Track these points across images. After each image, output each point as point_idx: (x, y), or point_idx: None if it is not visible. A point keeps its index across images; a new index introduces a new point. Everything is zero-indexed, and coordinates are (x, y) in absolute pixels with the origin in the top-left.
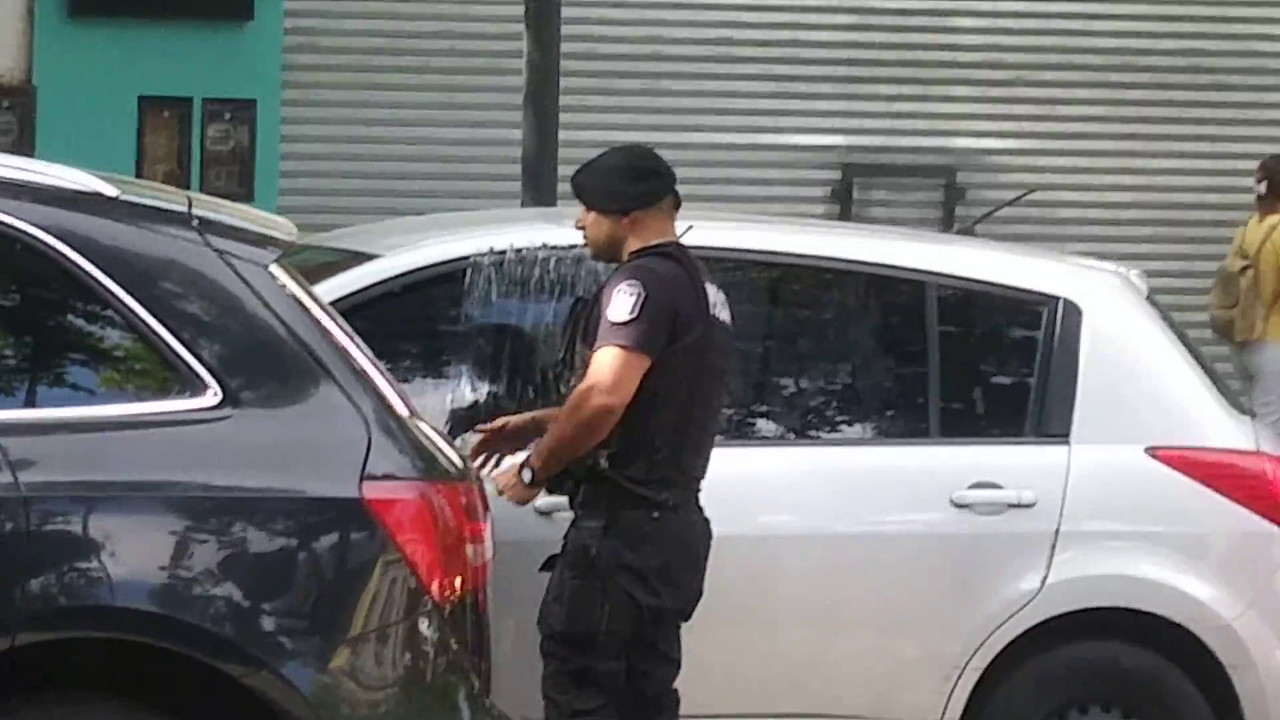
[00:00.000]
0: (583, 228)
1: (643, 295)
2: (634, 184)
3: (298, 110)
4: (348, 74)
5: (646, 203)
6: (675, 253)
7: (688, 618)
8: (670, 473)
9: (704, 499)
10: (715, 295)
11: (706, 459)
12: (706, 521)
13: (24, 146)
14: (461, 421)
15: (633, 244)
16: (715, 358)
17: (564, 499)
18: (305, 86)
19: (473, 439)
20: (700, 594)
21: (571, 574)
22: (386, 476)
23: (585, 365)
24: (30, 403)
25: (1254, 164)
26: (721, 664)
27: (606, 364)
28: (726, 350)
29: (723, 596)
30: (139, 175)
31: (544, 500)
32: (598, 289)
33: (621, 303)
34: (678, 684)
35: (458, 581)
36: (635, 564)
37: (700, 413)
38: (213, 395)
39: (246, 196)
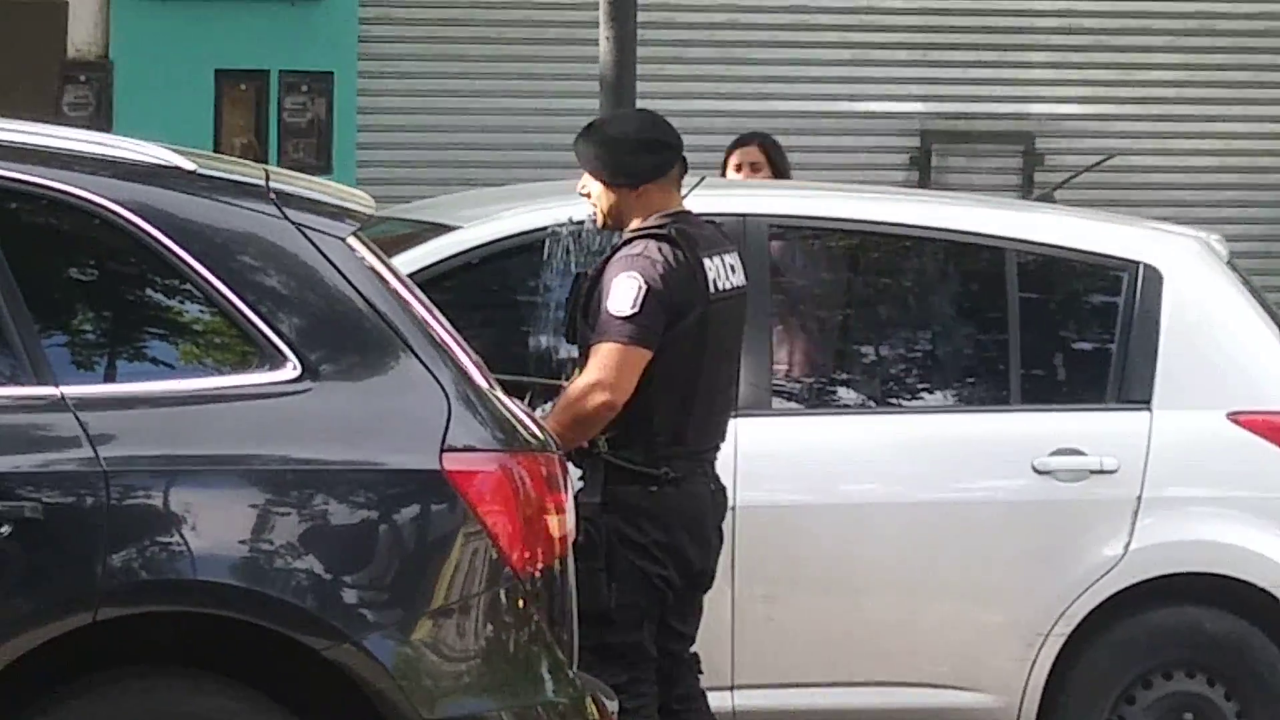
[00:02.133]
0: (587, 194)
1: (644, 289)
2: (645, 157)
3: (375, 82)
4: (424, 45)
5: (658, 175)
6: (673, 232)
7: (704, 589)
8: (670, 450)
9: (787, 468)
10: (719, 266)
11: (718, 430)
12: (716, 492)
13: (101, 121)
14: (541, 392)
15: (638, 214)
16: (720, 330)
17: None
18: (382, 59)
19: None
20: (709, 566)
21: (576, 554)
22: (467, 448)
23: (587, 344)
24: (110, 378)
25: None
26: (805, 632)
27: (609, 360)
28: (735, 319)
29: (806, 565)
30: (216, 149)
31: None
32: (600, 264)
33: (623, 295)
34: (768, 651)
35: (539, 553)
36: (635, 538)
37: (706, 388)
38: (292, 368)
39: (324, 169)
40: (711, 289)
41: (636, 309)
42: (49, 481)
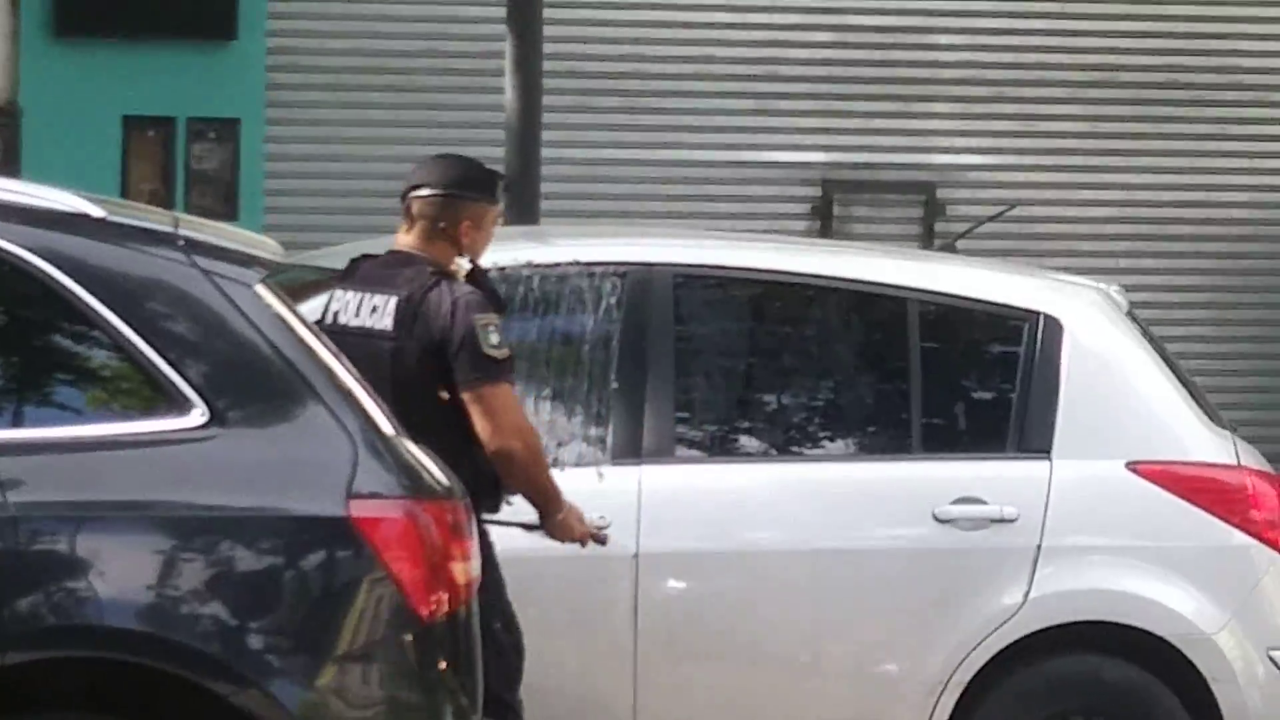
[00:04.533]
0: None
1: None
2: None
3: (281, 129)
4: (331, 93)
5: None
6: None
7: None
8: None
9: (689, 515)
10: (352, 301)
11: None
12: None
13: (9, 167)
14: None
15: None
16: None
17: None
18: (289, 105)
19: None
20: None
21: None
22: (373, 495)
23: None
24: (17, 423)
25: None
26: (706, 680)
27: None
28: (361, 357)
29: (708, 611)
30: (123, 195)
31: None
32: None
33: None
34: (669, 698)
35: (444, 599)
36: None
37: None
38: (199, 415)
39: (230, 216)
40: (328, 318)
41: None
42: None
